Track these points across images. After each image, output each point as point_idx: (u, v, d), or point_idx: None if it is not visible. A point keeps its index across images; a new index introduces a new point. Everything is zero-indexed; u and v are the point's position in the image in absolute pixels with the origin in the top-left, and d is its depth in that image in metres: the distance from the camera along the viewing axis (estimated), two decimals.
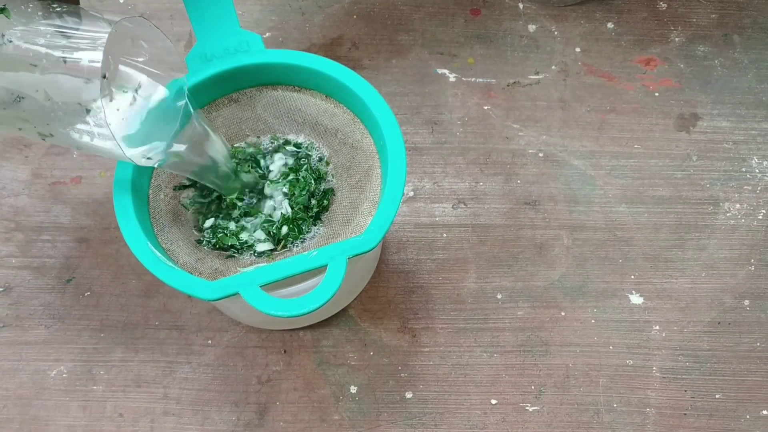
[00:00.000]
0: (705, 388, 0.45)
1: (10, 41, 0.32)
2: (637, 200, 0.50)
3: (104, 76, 0.36)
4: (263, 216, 0.41)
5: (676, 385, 0.45)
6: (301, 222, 0.40)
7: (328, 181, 0.41)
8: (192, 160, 0.39)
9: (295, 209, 0.40)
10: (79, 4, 0.35)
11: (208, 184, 0.40)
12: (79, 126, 0.34)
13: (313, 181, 0.41)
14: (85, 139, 0.34)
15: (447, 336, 0.46)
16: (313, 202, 0.41)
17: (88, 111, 0.33)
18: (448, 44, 0.55)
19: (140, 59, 0.38)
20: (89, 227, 0.49)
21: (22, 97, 0.33)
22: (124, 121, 0.37)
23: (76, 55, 0.33)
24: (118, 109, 0.36)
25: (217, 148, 0.39)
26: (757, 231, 0.50)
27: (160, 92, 0.38)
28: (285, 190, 0.41)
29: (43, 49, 0.33)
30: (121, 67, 0.37)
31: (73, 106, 0.33)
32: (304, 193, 0.40)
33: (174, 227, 0.40)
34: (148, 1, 0.57)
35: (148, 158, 0.37)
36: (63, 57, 0.33)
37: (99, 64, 0.32)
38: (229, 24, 0.41)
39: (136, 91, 0.37)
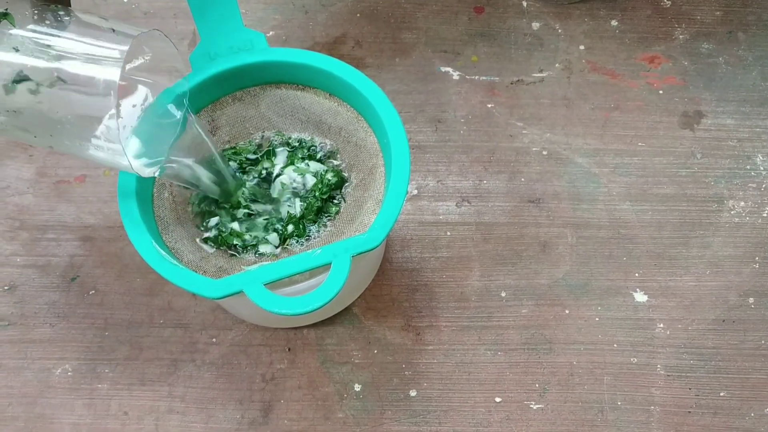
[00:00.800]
0: (709, 386, 0.45)
1: (17, 50, 0.32)
2: (641, 198, 0.50)
3: None
4: (270, 216, 0.41)
5: (681, 383, 0.45)
6: (307, 221, 0.40)
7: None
8: (189, 169, 0.38)
9: (306, 211, 0.40)
10: (70, 5, 0.35)
11: (207, 194, 0.40)
12: (84, 138, 0.34)
13: (332, 186, 0.41)
14: (89, 150, 0.34)
15: (451, 334, 0.46)
16: (330, 205, 0.41)
17: (96, 125, 0.33)
18: (451, 42, 0.55)
19: (142, 61, 0.37)
20: (94, 226, 0.49)
21: (25, 108, 0.33)
22: (128, 135, 0.37)
23: (89, 70, 0.32)
24: (125, 126, 0.36)
25: (214, 157, 0.39)
26: (761, 229, 0.49)
27: (162, 102, 0.38)
28: (299, 192, 0.41)
29: (53, 62, 0.32)
30: (129, 78, 0.37)
31: (80, 119, 0.33)
32: (324, 195, 0.41)
33: (178, 226, 0.40)
34: (152, 0, 0.57)
35: (151, 168, 0.37)
36: (75, 72, 0.32)
37: (115, 83, 0.32)
38: (232, 22, 0.41)
39: (143, 103, 0.37)
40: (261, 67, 0.41)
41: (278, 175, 0.42)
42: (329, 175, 0.41)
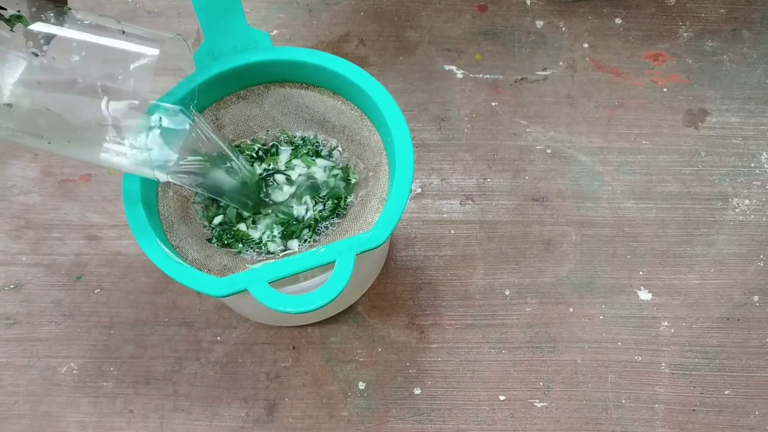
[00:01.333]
0: (714, 384, 0.45)
1: (36, 54, 0.32)
2: (645, 196, 0.50)
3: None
4: (279, 217, 0.41)
5: (685, 381, 0.45)
6: (322, 220, 0.40)
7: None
8: (204, 172, 0.38)
9: (320, 213, 0.41)
10: (66, 4, 0.35)
11: (227, 201, 0.40)
12: (99, 145, 0.34)
13: (343, 187, 0.41)
14: (105, 157, 0.34)
15: (455, 332, 0.46)
16: (341, 204, 0.41)
17: (113, 131, 0.33)
18: (455, 41, 0.55)
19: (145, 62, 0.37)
20: (99, 225, 0.49)
21: (43, 116, 0.33)
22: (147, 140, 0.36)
23: (117, 80, 0.32)
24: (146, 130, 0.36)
25: (226, 154, 0.39)
26: (766, 227, 0.49)
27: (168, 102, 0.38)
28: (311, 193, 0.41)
29: (78, 70, 0.32)
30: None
31: (97, 127, 0.33)
32: (337, 199, 0.41)
33: (183, 224, 0.40)
34: None
35: (166, 172, 0.37)
36: (101, 82, 0.32)
37: (146, 89, 0.32)
38: (236, 21, 0.41)
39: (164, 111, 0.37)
40: (265, 66, 0.41)
41: (283, 171, 0.42)
42: (336, 171, 0.41)
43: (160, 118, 0.37)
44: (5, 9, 0.31)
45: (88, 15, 0.34)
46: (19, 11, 0.32)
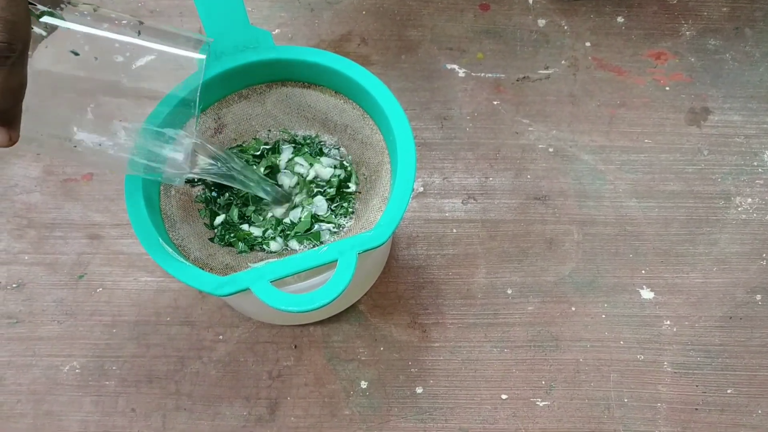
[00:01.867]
0: (716, 383, 0.45)
1: (75, 54, 0.32)
2: (647, 195, 0.50)
3: None
4: (282, 216, 0.41)
5: (688, 380, 0.45)
6: (337, 216, 0.41)
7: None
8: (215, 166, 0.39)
9: (332, 212, 0.41)
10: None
11: (240, 186, 0.40)
12: (128, 149, 0.34)
13: (345, 187, 0.41)
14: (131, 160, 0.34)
15: (457, 331, 0.46)
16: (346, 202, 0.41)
17: (148, 135, 0.33)
18: (457, 39, 0.55)
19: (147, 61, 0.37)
20: (101, 224, 0.49)
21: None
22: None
23: (160, 83, 0.32)
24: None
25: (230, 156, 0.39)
26: None
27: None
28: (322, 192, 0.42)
29: (120, 71, 0.32)
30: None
31: (132, 131, 0.33)
32: (346, 202, 0.41)
33: (185, 223, 0.40)
34: None
35: (186, 177, 0.37)
36: (144, 85, 0.32)
37: (195, 97, 0.32)
38: (238, 20, 0.41)
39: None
40: (267, 65, 0.41)
41: (283, 169, 0.42)
42: (338, 171, 0.41)
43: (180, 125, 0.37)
44: (35, 5, 0.31)
45: (123, 15, 0.34)
46: (49, 7, 0.32)
